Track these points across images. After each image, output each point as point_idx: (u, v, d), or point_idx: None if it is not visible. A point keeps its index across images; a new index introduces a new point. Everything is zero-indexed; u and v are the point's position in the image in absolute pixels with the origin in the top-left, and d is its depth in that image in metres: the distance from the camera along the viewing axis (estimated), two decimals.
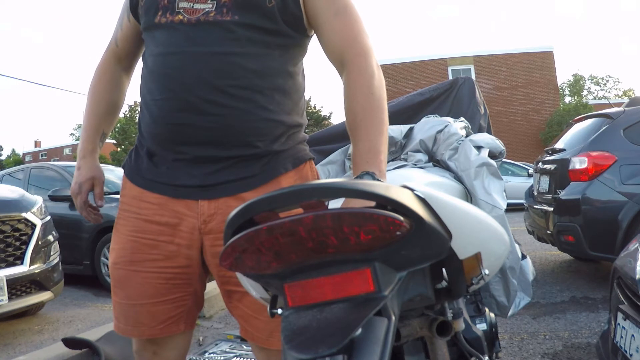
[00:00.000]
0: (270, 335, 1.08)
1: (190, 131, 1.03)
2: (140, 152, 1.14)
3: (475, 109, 2.34)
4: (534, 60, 24.39)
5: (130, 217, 1.12)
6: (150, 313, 1.10)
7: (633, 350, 1.47)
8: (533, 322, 3.18)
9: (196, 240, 1.08)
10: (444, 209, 0.67)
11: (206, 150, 1.05)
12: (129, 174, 1.15)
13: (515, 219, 6.33)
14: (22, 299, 3.18)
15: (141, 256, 1.09)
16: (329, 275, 0.61)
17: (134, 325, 1.12)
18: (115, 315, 1.15)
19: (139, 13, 1.13)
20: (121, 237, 1.13)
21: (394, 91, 22.26)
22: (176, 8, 1.04)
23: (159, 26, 1.06)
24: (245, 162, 1.06)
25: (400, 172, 1.45)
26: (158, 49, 1.06)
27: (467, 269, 0.74)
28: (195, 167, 1.06)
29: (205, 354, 2.68)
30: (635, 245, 1.81)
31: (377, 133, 0.98)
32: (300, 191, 0.59)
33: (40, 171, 5.93)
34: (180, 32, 1.03)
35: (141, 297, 1.09)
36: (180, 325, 1.13)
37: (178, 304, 1.11)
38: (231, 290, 1.09)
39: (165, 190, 1.08)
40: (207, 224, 1.06)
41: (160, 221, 1.08)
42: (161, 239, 1.08)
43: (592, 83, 46.88)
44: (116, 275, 1.12)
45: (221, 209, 1.06)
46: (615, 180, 3.76)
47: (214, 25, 1.02)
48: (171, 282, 1.09)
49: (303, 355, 0.55)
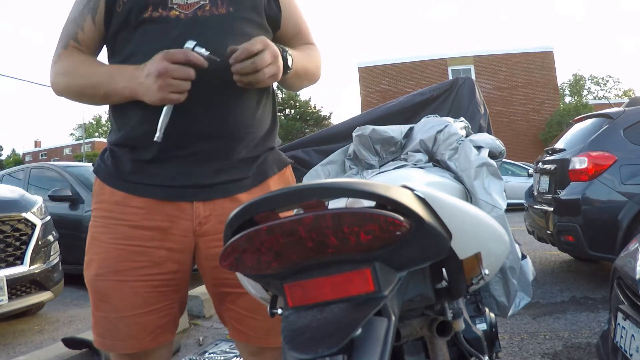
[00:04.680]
0: (267, 333, 1.07)
1: (186, 130, 1.01)
2: (120, 154, 1.07)
3: (475, 109, 2.34)
4: (534, 60, 24.39)
5: (113, 224, 1.05)
6: (139, 324, 1.04)
7: (633, 350, 1.47)
8: (533, 322, 3.18)
9: (189, 243, 1.05)
10: (444, 209, 0.67)
11: (201, 150, 1.02)
12: (106, 179, 1.08)
13: (515, 219, 6.32)
14: (22, 299, 3.18)
15: (127, 264, 1.03)
16: (329, 275, 0.61)
17: (123, 340, 1.05)
18: (97, 332, 1.07)
19: (116, 12, 1.03)
20: (102, 246, 1.05)
21: (394, 91, 22.28)
22: (169, 3, 1.02)
23: (151, 21, 1.01)
24: (238, 162, 1.06)
25: (400, 172, 1.45)
26: (153, 45, 0.98)
27: (467, 269, 0.74)
28: (193, 167, 1.03)
29: (205, 354, 2.68)
30: (635, 245, 1.81)
31: (308, 61, 1.17)
32: (300, 191, 0.59)
33: (40, 171, 5.93)
34: (176, 28, 1.00)
35: (129, 308, 1.03)
36: (168, 334, 1.09)
37: (165, 313, 1.07)
38: (225, 292, 1.08)
39: (155, 192, 1.03)
40: (202, 226, 1.04)
41: (149, 226, 1.03)
42: (149, 245, 1.03)
43: (592, 83, 46.93)
44: (99, 287, 1.05)
45: (216, 211, 1.04)
46: (615, 180, 3.76)
47: (211, 19, 1.01)
48: (158, 289, 1.05)
49: (303, 355, 0.55)
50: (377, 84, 24.77)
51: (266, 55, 0.95)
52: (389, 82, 24.58)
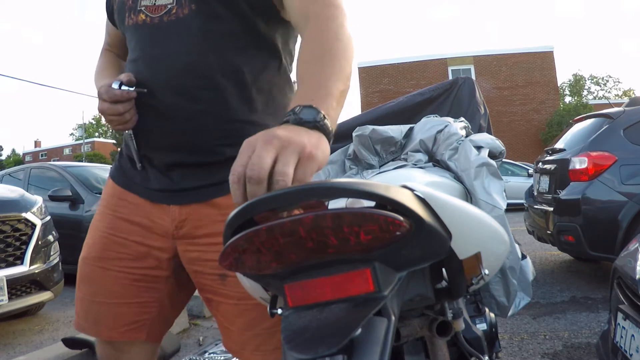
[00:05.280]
0: (242, 347, 1.03)
1: (157, 137, 1.01)
2: (124, 152, 1.14)
3: (475, 109, 2.34)
4: (534, 60, 24.41)
5: (107, 214, 1.10)
6: (112, 314, 1.07)
7: (633, 350, 1.47)
8: (533, 322, 3.18)
9: (169, 245, 1.06)
10: (444, 209, 0.67)
11: (174, 155, 1.01)
12: (112, 173, 1.15)
13: (515, 219, 6.33)
14: (22, 299, 3.18)
15: (110, 254, 1.07)
16: (328, 275, 0.61)
17: (94, 324, 1.09)
18: (76, 311, 1.12)
19: (115, 19, 1.09)
20: (95, 232, 1.11)
21: (394, 91, 22.30)
22: (138, 6, 1.00)
23: (128, 29, 1.04)
24: (215, 167, 1.01)
25: (400, 172, 1.45)
26: (131, 54, 1.04)
27: (467, 269, 0.74)
28: (165, 172, 1.04)
29: (205, 354, 2.68)
30: (635, 245, 1.81)
31: (335, 79, 0.75)
32: (300, 191, 0.58)
33: (40, 171, 5.93)
34: (144, 34, 1.00)
35: (106, 295, 1.07)
36: (142, 333, 1.10)
37: (142, 310, 1.08)
38: (208, 297, 1.07)
39: (142, 192, 1.07)
40: (179, 230, 1.03)
41: (135, 221, 1.07)
42: (132, 239, 1.06)
43: (592, 83, 46.91)
44: (83, 270, 1.10)
45: (192, 215, 1.02)
46: (615, 180, 3.76)
47: (175, 23, 0.97)
48: (136, 284, 1.07)
49: (303, 355, 0.55)
50: (377, 84, 24.77)
51: (280, 168, 0.61)
52: (389, 82, 24.59)
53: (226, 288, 1.01)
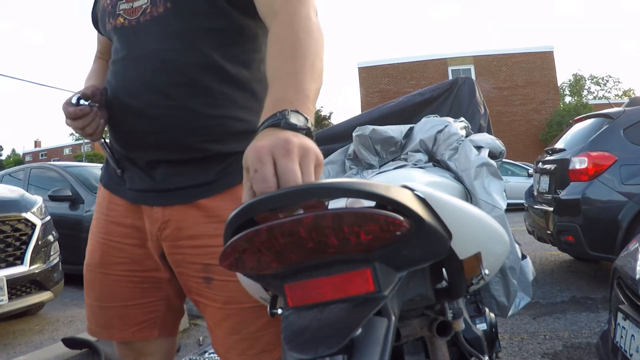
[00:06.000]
0: (228, 351, 1.03)
1: (138, 137, 1.01)
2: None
3: (475, 109, 2.34)
4: (534, 60, 24.40)
5: (101, 219, 1.11)
6: (121, 316, 1.08)
7: (633, 350, 1.47)
8: (533, 322, 3.18)
9: (157, 247, 1.05)
10: (444, 209, 0.67)
11: (155, 155, 1.01)
12: (102, 177, 1.16)
13: (515, 219, 6.33)
14: (22, 299, 3.18)
15: (109, 259, 1.08)
16: (329, 275, 0.61)
17: (105, 328, 1.10)
18: (87, 317, 1.14)
19: (99, 26, 1.12)
20: (93, 238, 1.12)
21: (394, 91, 22.29)
22: (117, 10, 1.01)
23: (109, 33, 1.06)
24: (198, 166, 0.99)
25: (400, 172, 1.46)
26: (112, 57, 1.05)
27: (467, 269, 0.74)
28: (148, 172, 1.03)
29: (205, 354, 2.68)
30: (635, 245, 1.81)
31: (309, 79, 0.75)
32: (300, 191, 0.58)
33: (40, 171, 5.93)
34: (123, 37, 1.01)
35: (111, 299, 1.08)
36: (154, 331, 1.11)
37: (150, 309, 1.10)
38: (196, 299, 1.06)
39: (127, 194, 1.06)
40: (162, 231, 1.02)
41: (126, 223, 1.06)
42: (127, 242, 1.07)
43: (592, 83, 46.90)
44: (88, 277, 1.12)
45: (175, 216, 1.01)
46: (615, 180, 3.76)
47: (150, 23, 0.98)
48: (140, 285, 1.08)
49: (303, 355, 0.55)
50: (377, 84, 24.77)
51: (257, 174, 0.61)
52: (389, 82, 24.59)
53: (211, 291, 1.00)
